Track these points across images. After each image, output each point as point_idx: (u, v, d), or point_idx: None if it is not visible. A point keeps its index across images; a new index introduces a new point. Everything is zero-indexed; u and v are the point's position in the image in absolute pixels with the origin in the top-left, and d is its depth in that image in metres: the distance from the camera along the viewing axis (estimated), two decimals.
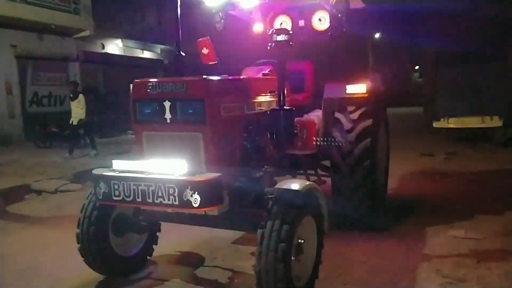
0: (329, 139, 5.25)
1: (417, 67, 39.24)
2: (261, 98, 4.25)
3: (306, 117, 5.55)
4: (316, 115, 5.57)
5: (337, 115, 5.31)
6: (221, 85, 3.59)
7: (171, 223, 3.95)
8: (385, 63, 35.35)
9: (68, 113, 12.17)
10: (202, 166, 3.39)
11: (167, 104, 3.41)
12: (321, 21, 6.19)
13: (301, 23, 6.32)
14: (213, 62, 4.80)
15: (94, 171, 3.44)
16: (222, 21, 5.63)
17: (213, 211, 3.38)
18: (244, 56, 5.77)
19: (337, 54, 5.88)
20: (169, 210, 3.27)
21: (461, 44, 14.06)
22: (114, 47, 21.18)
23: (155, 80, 3.49)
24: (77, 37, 18.50)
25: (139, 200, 3.20)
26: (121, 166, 3.34)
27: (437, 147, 11.34)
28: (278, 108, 4.12)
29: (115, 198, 3.30)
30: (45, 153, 12.25)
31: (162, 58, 23.69)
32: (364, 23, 6.49)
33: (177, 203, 3.07)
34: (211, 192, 3.07)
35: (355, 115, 5.22)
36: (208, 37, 4.81)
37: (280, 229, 3.16)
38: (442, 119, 12.73)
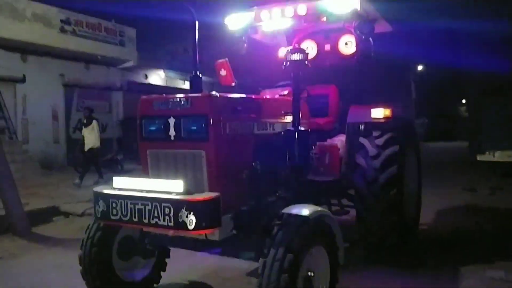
0: (353, 165, 4.98)
1: (464, 101, 37.98)
2: (274, 119, 4.08)
3: (329, 141, 5.30)
4: (340, 140, 5.31)
5: (362, 140, 5.03)
6: (227, 102, 3.45)
7: (179, 248, 3.75)
8: (430, 96, 34.61)
9: (109, 140, 12.48)
10: (204, 186, 3.23)
11: (171, 120, 3.31)
12: (347, 45, 6.01)
13: (327, 47, 6.17)
14: (231, 84, 4.70)
15: (95, 189, 3.35)
16: (245, 45, 5.57)
17: (213, 235, 3.19)
18: (266, 79, 5.66)
19: (364, 78, 5.65)
20: (165, 231, 3.10)
21: (508, 72, 13.38)
22: (157, 77, 21.85)
23: (161, 96, 3.41)
24: (122, 67, 19.26)
25: (136, 219, 3.06)
26: (121, 184, 3.23)
27: (480, 181, 10.65)
28: (292, 129, 3.92)
29: (112, 217, 3.18)
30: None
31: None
32: (393, 46, 6.24)
33: (172, 224, 2.90)
34: (208, 213, 2.88)
35: (380, 141, 4.92)
36: (226, 59, 4.74)
37: (284, 258, 2.91)
38: (487, 152, 12.02)
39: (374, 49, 5.75)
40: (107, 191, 3.23)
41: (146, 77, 21.30)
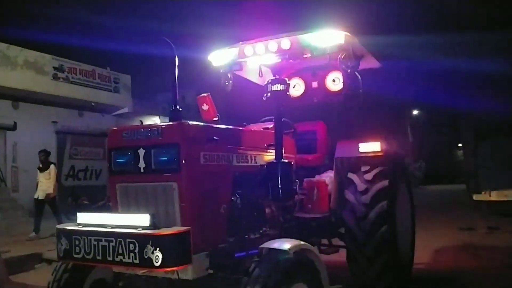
0: (342, 201, 4.77)
1: (460, 145, 38.16)
2: (256, 151, 3.91)
3: (317, 177, 5.11)
4: (328, 176, 5.13)
5: (350, 175, 4.85)
6: (201, 131, 3.28)
7: None
8: (427, 140, 34.77)
9: (103, 187, 12.14)
10: (176, 222, 3.01)
11: (141, 152, 3.13)
12: (335, 82, 5.96)
13: (315, 84, 6.12)
14: (213, 119, 4.58)
15: (57, 226, 3.12)
16: (231, 82, 5.49)
17: (185, 274, 2.93)
18: (252, 115, 5.54)
19: (352, 114, 5.55)
20: (131, 270, 2.84)
21: (502, 112, 13.44)
22: (152, 123, 21.84)
23: (131, 126, 3.25)
24: (116, 114, 19.26)
25: (99, 257, 2.82)
26: (85, 219, 3.01)
27: (477, 221, 10.37)
28: (274, 161, 3.74)
29: (75, 256, 2.94)
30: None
31: None
32: (381, 82, 6.19)
33: (137, 261, 2.66)
34: (176, 249, 2.65)
35: (369, 176, 4.74)
36: (208, 93, 4.64)
37: None
38: (483, 192, 11.81)
39: (363, 85, 5.73)
40: (70, 227, 3.00)
41: (142, 123, 21.27)
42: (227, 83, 5.46)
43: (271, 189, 3.69)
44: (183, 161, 3.01)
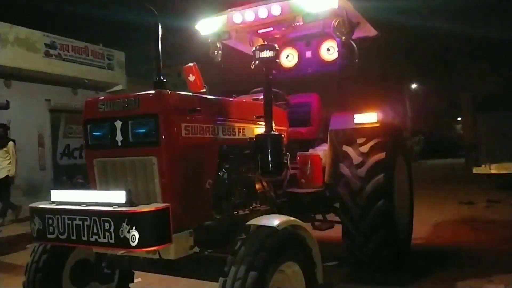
0: (337, 175, 4.57)
1: (459, 118, 37.91)
2: (244, 123, 3.69)
3: (311, 151, 4.92)
4: (323, 149, 4.93)
5: (345, 148, 4.64)
6: (182, 100, 3.05)
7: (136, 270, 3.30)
8: (426, 114, 34.50)
9: None
10: (157, 198, 2.81)
11: (118, 124, 2.90)
12: (329, 51, 5.70)
13: (308, 54, 5.86)
14: (200, 89, 4.33)
15: (31, 205, 2.93)
16: (220, 52, 5.23)
17: (167, 253, 2.75)
18: (242, 86, 5.29)
19: (348, 85, 5.30)
20: (106, 250, 2.66)
21: (502, 85, 13.20)
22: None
23: (107, 96, 3.02)
24: (111, 91, 18.92)
25: (74, 238, 2.63)
26: (59, 197, 2.81)
27: (477, 195, 10.25)
28: (264, 133, 3.52)
29: (49, 236, 2.75)
30: None
31: None
32: (379, 52, 5.93)
33: (113, 241, 2.47)
34: (153, 228, 2.45)
35: (365, 148, 4.52)
36: (194, 63, 4.38)
37: (246, 276, 2.48)
38: (483, 165, 11.66)
39: (359, 54, 5.46)
40: (42, 206, 2.81)
41: None
42: (216, 53, 5.22)
43: (260, 163, 3.49)
44: (163, 134, 2.79)
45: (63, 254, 3.34)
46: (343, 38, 4.73)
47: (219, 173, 3.35)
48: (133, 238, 2.39)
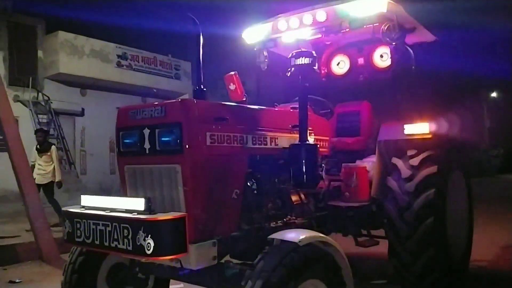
0: (384, 189, 4.32)
1: None
2: (278, 133, 3.58)
3: (358, 162, 4.68)
4: (371, 161, 4.67)
5: (394, 160, 4.36)
6: (208, 109, 3.01)
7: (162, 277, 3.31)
8: (507, 125, 32.07)
9: None
10: (180, 207, 2.79)
11: (146, 132, 2.93)
12: (382, 58, 5.43)
13: (361, 61, 5.62)
14: (241, 99, 4.30)
15: (63, 208, 3.03)
16: (266, 60, 5.18)
17: (188, 263, 2.71)
18: (289, 95, 5.18)
19: (401, 93, 5.01)
20: (127, 257, 2.67)
21: None
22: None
23: (137, 105, 3.07)
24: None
25: (97, 242, 2.68)
26: (88, 202, 2.88)
27: None
28: (297, 143, 3.39)
29: (77, 240, 2.82)
30: None
31: None
32: (438, 58, 5.55)
33: (130, 248, 2.47)
34: (168, 237, 2.42)
35: (415, 161, 4.22)
36: (235, 72, 4.36)
37: None
38: None
39: (416, 61, 5.16)
40: (72, 210, 2.89)
41: None
42: (262, 62, 5.17)
43: (292, 174, 3.36)
44: (186, 142, 2.77)
45: (98, 257, 3.41)
46: (393, 43, 4.49)
47: (248, 183, 3.27)
48: (149, 246, 2.38)
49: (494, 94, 32.95)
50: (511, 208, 11.31)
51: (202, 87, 3.64)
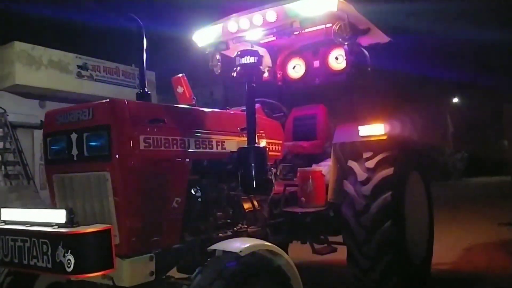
0: (340, 193, 4.18)
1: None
2: (225, 136, 3.39)
3: (314, 166, 4.54)
4: (327, 165, 4.54)
5: (350, 163, 4.23)
6: (141, 110, 2.79)
7: None
8: (471, 130, 32.93)
9: None
10: (111, 218, 2.54)
11: (74, 136, 2.68)
12: (338, 60, 5.32)
13: (316, 63, 5.51)
14: (190, 102, 4.09)
15: None
16: (219, 64, 4.99)
17: (120, 281, 2.47)
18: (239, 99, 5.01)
19: (357, 95, 4.91)
20: (48, 276, 2.40)
21: None
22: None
23: (64, 108, 2.81)
24: None
25: (16, 261, 2.40)
26: (8, 216, 2.59)
27: None
28: (245, 146, 3.20)
29: None
30: None
31: None
32: (393, 59, 5.51)
33: (50, 265, 2.21)
34: (91, 251, 2.16)
35: (371, 163, 4.10)
36: (183, 74, 4.16)
37: None
38: None
39: (372, 62, 5.09)
40: None
41: None
42: (215, 65, 4.98)
43: (241, 179, 3.15)
44: (116, 146, 2.53)
45: (29, 277, 3.10)
46: (346, 43, 4.39)
47: (192, 191, 3.05)
48: (69, 262, 2.12)
49: (456, 100, 33.87)
50: (472, 209, 11.46)
51: (146, 90, 3.42)
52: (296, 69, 5.65)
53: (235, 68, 3.30)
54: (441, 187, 17.75)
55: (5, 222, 2.60)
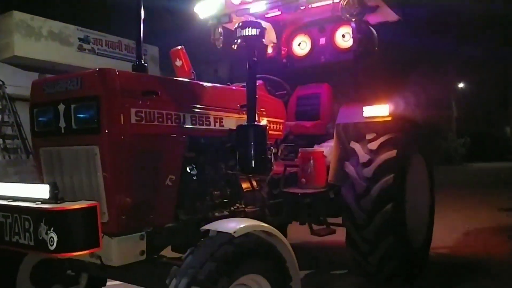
0: (342, 175, 4.05)
1: None
2: (224, 112, 3.24)
3: (316, 147, 4.40)
4: (329, 146, 4.40)
5: (353, 144, 4.10)
6: (133, 81, 2.63)
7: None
8: (474, 115, 32.73)
9: None
10: (100, 195, 2.42)
11: (61, 108, 2.54)
12: (344, 38, 5.13)
13: (322, 41, 5.32)
14: (189, 75, 3.93)
15: None
16: (221, 37, 4.81)
17: (109, 260, 2.36)
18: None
19: (363, 75, 4.73)
20: (28, 252, 2.30)
21: None
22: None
23: (52, 77, 2.67)
24: None
25: None
26: None
27: None
28: (244, 124, 3.05)
29: None
30: None
31: None
32: (402, 36, 5.31)
33: (32, 243, 2.10)
34: (75, 229, 2.04)
35: (374, 145, 3.97)
36: (182, 46, 4.00)
37: None
38: None
39: (380, 41, 4.89)
40: None
41: None
42: (217, 39, 4.80)
43: (239, 158, 3.01)
44: (105, 119, 2.39)
45: (17, 254, 3.00)
46: (353, 19, 4.20)
47: (188, 169, 2.92)
48: (52, 240, 2.01)
49: (461, 85, 33.53)
50: (472, 194, 11.37)
51: (142, 62, 3.25)
52: (301, 46, 5.46)
53: (235, 41, 3.12)
54: (443, 172, 17.68)
55: None
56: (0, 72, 14.39)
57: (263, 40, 3.09)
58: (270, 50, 5.55)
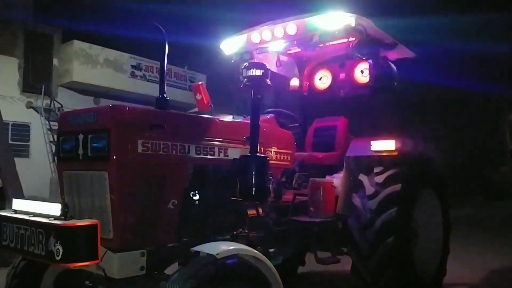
0: (349, 206, 4.21)
1: None
2: (229, 143, 3.54)
3: (327, 178, 4.59)
4: (339, 177, 4.57)
5: (361, 177, 4.26)
6: (140, 116, 2.99)
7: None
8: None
9: None
10: (107, 215, 2.77)
11: (80, 137, 2.94)
12: (363, 73, 5.33)
13: (342, 76, 5.55)
14: (207, 109, 4.28)
15: None
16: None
17: (111, 272, 2.69)
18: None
19: (380, 109, 4.91)
20: (40, 261, 2.65)
21: None
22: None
23: (75, 110, 3.08)
24: (192, 112, 19.70)
25: (19, 247, 2.68)
26: (18, 206, 2.88)
27: None
28: (246, 155, 3.34)
29: (3, 243, 2.83)
30: None
31: None
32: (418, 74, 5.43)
33: (43, 253, 2.46)
34: (77, 243, 2.39)
35: (380, 178, 4.12)
36: (201, 82, 4.38)
37: None
38: None
39: (399, 77, 5.06)
40: (3, 213, 2.90)
41: None
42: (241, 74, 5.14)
43: (239, 185, 3.30)
44: (114, 148, 2.76)
45: (41, 265, 3.40)
46: (364, 58, 4.43)
47: (191, 194, 3.22)
48: (58, 252, 2.36)
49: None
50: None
51: (164, 95, 3.64)
52: (322, 80, 5.72)
53: (242, 80, 3.46)
54: (489, 207, 16.95)
55: (16, 211, 2.89)
56: (59, 95, 15.61)
57: (267, 80, 3.40)
58: (293, 83, 5.86)
